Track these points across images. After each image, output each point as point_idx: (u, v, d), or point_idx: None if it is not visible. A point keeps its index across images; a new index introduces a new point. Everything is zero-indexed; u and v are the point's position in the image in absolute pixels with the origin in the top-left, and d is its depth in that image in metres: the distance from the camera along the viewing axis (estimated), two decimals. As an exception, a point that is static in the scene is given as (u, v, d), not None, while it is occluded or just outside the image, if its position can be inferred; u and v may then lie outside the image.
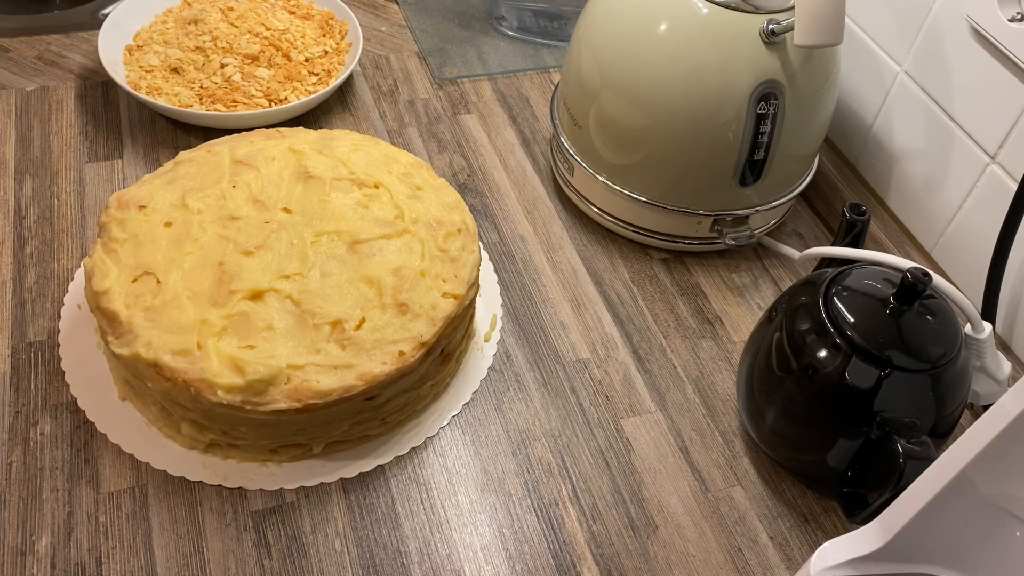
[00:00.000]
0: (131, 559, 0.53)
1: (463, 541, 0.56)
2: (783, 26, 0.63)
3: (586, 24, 0.72)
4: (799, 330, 0.56)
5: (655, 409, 0.64)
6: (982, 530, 0.45)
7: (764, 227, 0.74)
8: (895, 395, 0.53)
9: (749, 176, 0.69)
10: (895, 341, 0.53)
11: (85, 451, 0.57)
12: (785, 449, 0.59)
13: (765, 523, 0.59)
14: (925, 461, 0.46)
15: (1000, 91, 0.65)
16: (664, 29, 0.65)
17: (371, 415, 0.57)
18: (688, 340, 0.69)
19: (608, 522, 0.58)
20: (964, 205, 0.71)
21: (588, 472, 0.60)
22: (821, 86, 0.69)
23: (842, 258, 0.61)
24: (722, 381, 0.66)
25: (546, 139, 0.84)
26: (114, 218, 0.60)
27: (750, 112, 0.65)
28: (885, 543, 0.46)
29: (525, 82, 0.89)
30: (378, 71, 0.89)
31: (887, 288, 0.55)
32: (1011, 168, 0.66)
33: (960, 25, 0.67)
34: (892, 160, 0.78)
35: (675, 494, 0.59)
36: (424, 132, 0.83)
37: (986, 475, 0.43)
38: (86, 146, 0.77)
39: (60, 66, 0.84)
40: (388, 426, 0.59)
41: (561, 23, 0.96)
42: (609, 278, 0.72)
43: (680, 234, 0.73)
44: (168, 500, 0.55)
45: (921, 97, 0.73)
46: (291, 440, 0.56)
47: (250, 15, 0.84)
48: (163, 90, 0.78)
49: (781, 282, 0.74)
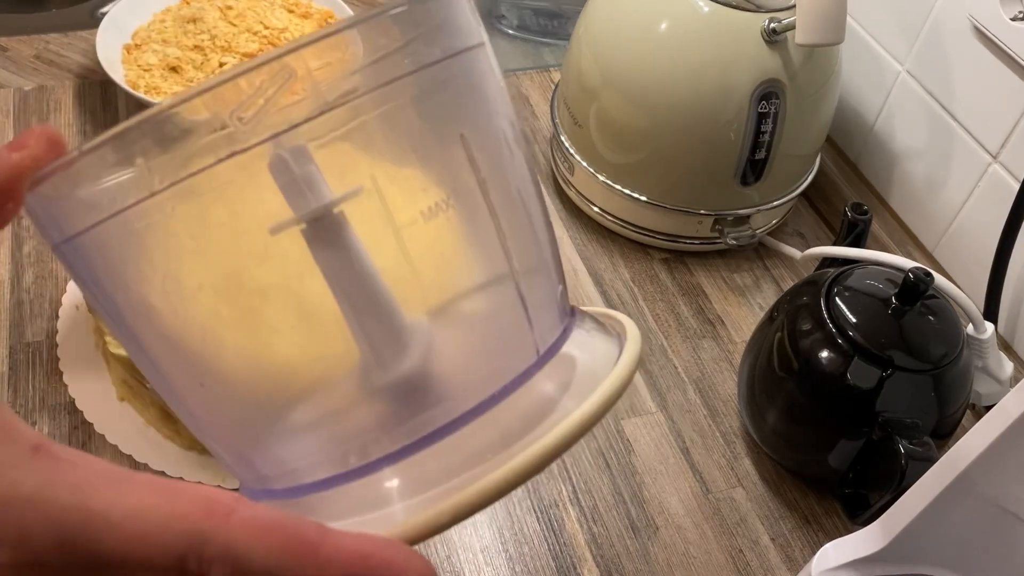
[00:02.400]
0: (129, 560, 0.52)
1: (463, 542, 0.56)
2: (784, 25, 0.63)
3: (587, 23, 0.71)
4: (800, 330, 0.56)
5: (656, 410, 0.64)
6: (984, 531, 0.45)
7: (765, 227, 0.74)
8: (897, 395, 0.53)
9: (750, 175, 0.68)
10: (897, 341, 0.53)
11: (84, 451, 0.57)
12: (786, 450, 0.59)
13: (766, 524, 0.59)
14: (927, 462, 0.46)
15: (1002, 90, 0.65)
16: (665, 28, 0.65)
17: (371, 416, 0.57)
18: (689, 340, 0.69)
19: (608, 523, 0.57)
20: (966, 205, 0.71)
21: (588, 473, 0.60)
22: (822, 85, 0.68)
23: (844, 258, 0.61)
24: (723, 382, 0.66)
25: (546, 138, 0.83)
26: (112, 218, 0.59)
27: (751, 111, 0.65)
28: (887, 544, 0.46)
29: (525, 81, 0.89)
30: (378, 70, 0.88)
31: (889, 288, 0.55)
32: (1013, 168, 0.66)
33: (962, 24, 0.67)
34: (894, 159, 0.78)
35: (676, 495, 0.59)
36: (424, 131, 0.83)
37: (988, 476, 0.43)
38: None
39: (58, 65, 0.83)
40: (388, 427, 0.59)
41: (561, 22, 0.96)
42: (609, 278, 0.72)
43: (681, 234, 0.72)
44: (167, 501, 0.55)
45: (923, 96, 0.73)
46: (290, 441, 0.56)
47: (249, 14, 0.84)
48: (162, 89, 0.78)
49: (782, 282, 0.74)
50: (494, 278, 0.32)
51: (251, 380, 0.31)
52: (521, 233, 0.32)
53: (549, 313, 0.33)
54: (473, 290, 0.33)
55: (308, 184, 0.27)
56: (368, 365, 0.30)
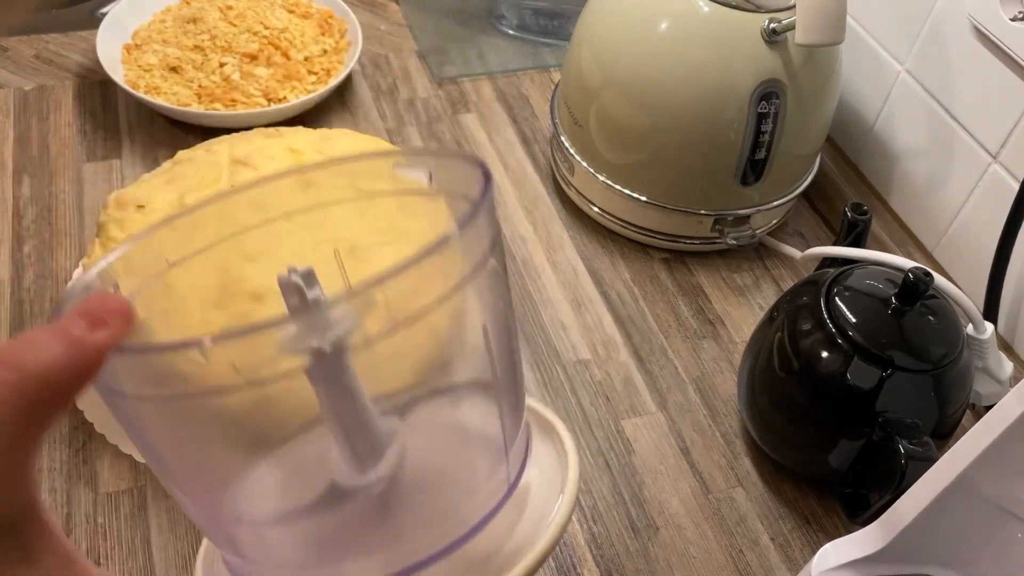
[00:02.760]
0: (130, 560, 0.52)
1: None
2: (784, 25, 0.63)
3: (587, 23, 0.71)
4: (801, 330, 0.56)
5: (656, 410, 0.64)
6: (984, 531, 0.45)
7: (765, 227, 0.74)
8: (897, 395, 0.53)
9: (750, 175, 0.68)
10: (897, 341, 0.53)
11: (83, 452, 0.57)
12: (786, 450, 0.59)
13: (766, 524, 0.59)
14: (927, 462, 0.46)
15: (1002, 90, 0.65)
16: (665, 28, 0.65)
17: (370, 416, 0.57)
18: (689, 340, 0.68)
19: (608, 523, 0.57)
20: (966, 205, 0.71)
21: (588, 473, 0.60)
22: (822, 85, 0.68)
23: (844, 258, 0.61)
24: (723, 382, 0.66)
25: (546, 138, 0.83)
26: (112, 218, 0.59)
27: (751, 111, 0.65)
28: (887, 544, 0.46)
29: (525, 81, 0.89)
30: (377, 70, 0.88)
31: (889, 288, 0.55)
32: (1013, 168, 0.66)
33: (962, 24, 0.67)
34: (894, 159, 0.78)
35: (676, 495, 0.59)
36: (424, 131, 0.83)
37: (988, 476, 0.43)
38: (84, 145, 0.76)
39: (58, 65, 0.83)
40: (388, 427, 0.59)
41: (561, 22, 0.96)
42: (610, 278, 0.72)
43: (681, 234, 0.72)
44: (167, 501, 0.55)
45: (923, 96, 0.73)
46: (290, 441, 0.56)
47: (249, 14, 0.84)
48: (162, 89, 0.78)
49: (782, 282, 0.74)
50: (478, 395, 0.34)
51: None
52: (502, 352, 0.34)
53: (520, 439, 0.35)
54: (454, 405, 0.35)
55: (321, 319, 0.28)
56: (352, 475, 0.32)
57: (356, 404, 0.30)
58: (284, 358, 0.27)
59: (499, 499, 0.32)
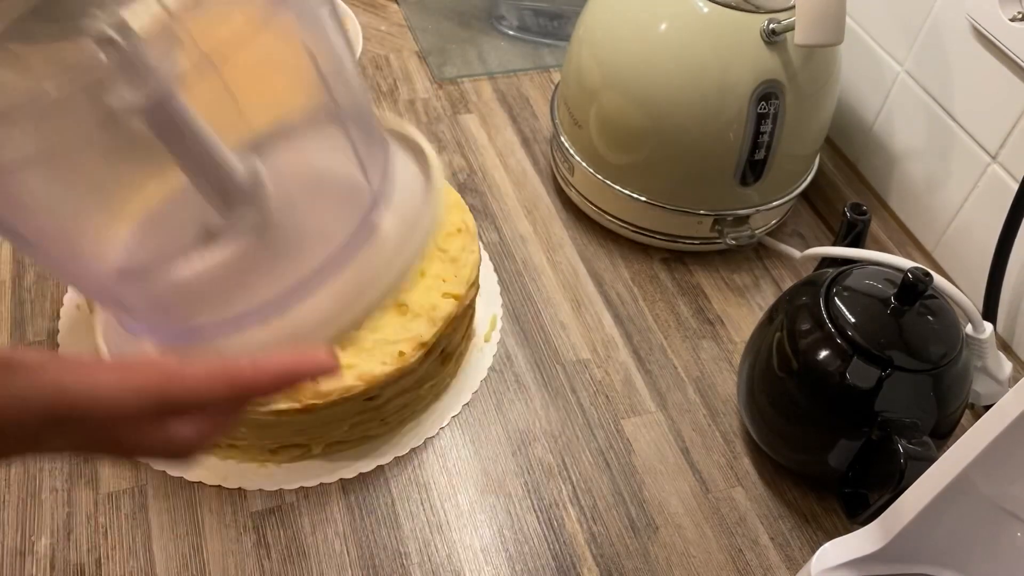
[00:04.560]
0: (130, 560, 0.53)
1: (463, 542, 0.56)
2: (784, 25, 0.63)
3: (586, 23, 0.71)
4: (800, 330, 0.56)
5: (656, 409, 0.64)
6: (983, 531, 0.45)
7: (765, 227, 0.74)
8: (896, 395, 0.53)
9: (750, 176, 0.68)
10: (896, 341, 0.53)
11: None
12: (786, 449, 0.59)
13: (766, 524, 0.59)
14: (926, 461, 0.46)
15: (1001, 91, 0.65)
16: (665, 28, 0.65)
17: (371, 415, 0.57)
18: (689, 340, 0.69)
19: (608, 523, 0.58)
20: (965, 205, 0.71)
21: (588, 473, 0.60)
22: (822, 86, 0.69)
23: (843, 258, 0.61)
24: (723, 381, 0.66)
25: (546, 139, 0.84)
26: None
27: (751, 112, 0.65)
28: (886, 544, 0.46)
29: (525, 81, 0.89)
30: (378, 71, 0.88)
31: (888, 288, 0.55)
32: (1012, 168, 0.66)
33: (961, 25, 0.67)
34: (893, 160, 0.78)
35: (676, 495, 0.59)
36: (424, 132, 0.83)
37: (987, 476, 0.43)
38: (85, 146, 0.76)
39: (59, 65, 0.84)
40: (388, 426, 0.59)
41: (561, 22, 0.96)
42: (609, 278, 0.72)
43: (681, 234, 0.73)
44: (167, 501, 0.55)
45: (922, 97, 0.73)
46: (291, 440, 0.56)
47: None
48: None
49: (782, 282, 0.74)
50: (322, 114, 0.37)
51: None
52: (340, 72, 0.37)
53: (377, 159, 0.38)
54: (303, 126, 0.37)
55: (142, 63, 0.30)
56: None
57: (203, 143, 0.32)
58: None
59: (362, 214, 0.35)
